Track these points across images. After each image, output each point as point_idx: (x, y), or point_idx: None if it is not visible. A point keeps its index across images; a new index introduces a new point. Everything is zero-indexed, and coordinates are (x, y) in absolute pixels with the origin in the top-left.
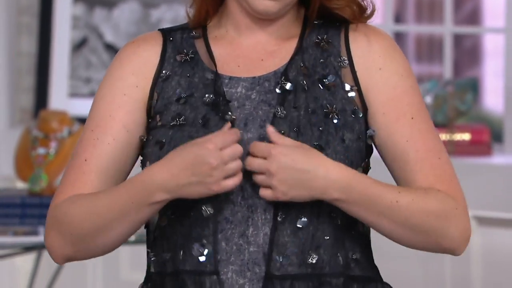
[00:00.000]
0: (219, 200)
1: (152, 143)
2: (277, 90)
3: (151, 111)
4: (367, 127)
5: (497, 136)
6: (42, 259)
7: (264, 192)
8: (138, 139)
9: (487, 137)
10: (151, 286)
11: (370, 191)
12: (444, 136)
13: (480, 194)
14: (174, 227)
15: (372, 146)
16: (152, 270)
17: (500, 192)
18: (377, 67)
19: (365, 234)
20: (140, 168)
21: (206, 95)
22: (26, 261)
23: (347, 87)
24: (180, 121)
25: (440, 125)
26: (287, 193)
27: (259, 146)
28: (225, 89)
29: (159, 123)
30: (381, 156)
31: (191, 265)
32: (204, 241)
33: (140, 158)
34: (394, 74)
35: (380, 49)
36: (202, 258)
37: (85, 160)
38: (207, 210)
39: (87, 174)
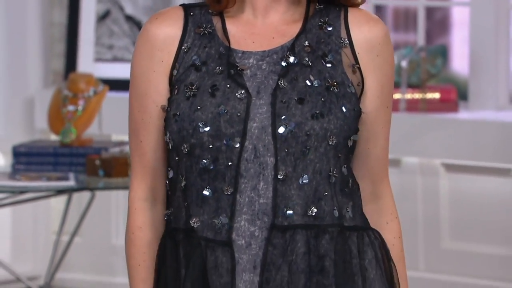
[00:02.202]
0: (235, 159)
1: (170, 115)
2: (283, 63)
3: (172, 81)
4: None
5: (463, 95)
6: (73, 200)
7: None
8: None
9: (454, 96)
10: (168, 229)
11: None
12: (417, 95)
13: (447, 145)
14: (190, 184)
15: None
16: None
17: (465, 143)
18: (376, 53)
19: (356, 191)
20: None
21: (217, 67)
22: (58, 202)
23: (348, 64)
24: (192, 89)
25: (414, 86)
26: None
27: None
28: (238, 61)
29: (176, 94)
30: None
31: (208, 213)
32: (226, 188)
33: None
34: (386, 62)
35: (379, 36)
36: (217, 205)
37: (141, 141)
38: (232, 162)
39: (146, 155)
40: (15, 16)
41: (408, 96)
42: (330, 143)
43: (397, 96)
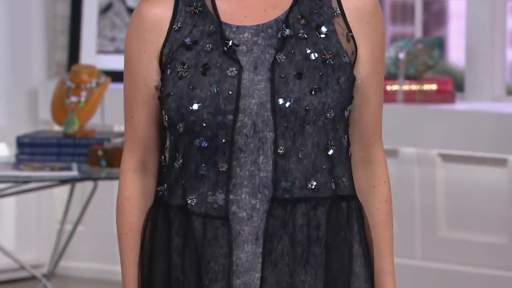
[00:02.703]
0: (233, 134)
1: (164, 95)
2: (278, 36)
3: (163, 61)
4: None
5: (459, 87)
6: (76, 190)
7: None
8: (156, 90)
9: (451, 87)
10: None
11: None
12: (414, 87)
13: (444, 135)
14: (189, 161)
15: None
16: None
17: (461, 133)
18: (366, 21)
19: (350, 161)
20: None
21: (208, 45)
22: (62, 191)
23: (342, 33)
24: (184, 69)
25: (411, 77)
26: None
27: None
28: (233, 36)
29: (169, 74)
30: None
31: (205, 190)
32: (221, 164)
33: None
34: (376, 29)
35: (369, 4)
36: (217, 179)
37: (132, 117)
38: (226, 139)
39: (136, 130)
40: (19, 9)
41: (406, 87)
42: (328, 116)
43: (394, 87)
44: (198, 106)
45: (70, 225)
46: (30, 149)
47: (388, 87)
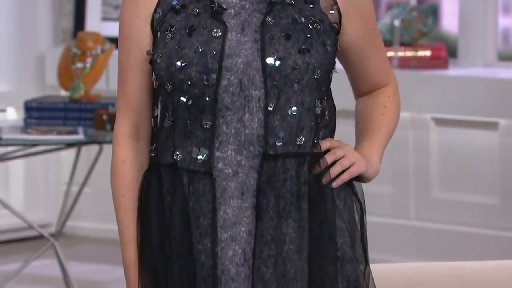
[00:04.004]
0: (220, 91)
1: (155, 57)
2: (267, 0)
3: (154, 25)
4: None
5: (452, 53)
6: (82, 153)
7: (356, 168)
8: (148, 55)
9: (445, 53)
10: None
11: (382, 147)
12: (409, 53)
13: (437, 100)
14: (175, 123)
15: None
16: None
17: (454, 98)
18: None
19: (333, 123)
20: None
21: (195, 9)
22: (68, 154)
23: (326, 4)
24: (172, 31)
25: (406, 44)
26: (364, 162)
27: (333, 141)
28: (221, 1)
29: (159, 37)
30: (346, 58)
31: (191, 147)
32: (205, 122)
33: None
34: None
35: None
36: (204, 136)
37: (126, 82)
38: (209, 98)
39: (130, 94)
40: None
41: (401, 54)
42: (315, 76)
43: (389, 54)
44: (186, 65)
45: (77, 187)
46: (38, 113)
47: None
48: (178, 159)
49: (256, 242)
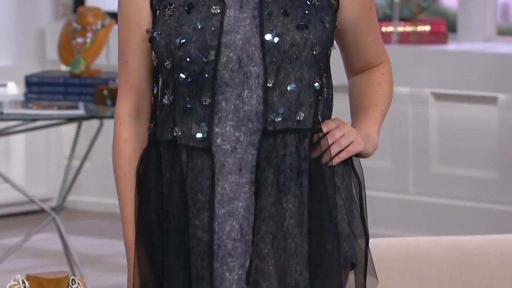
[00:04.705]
0: (219, 68)
1: (155, 35)
2: None
3: (153, 3)
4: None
5: (452, 28)
6: (82, 128)
7: (354, 147)
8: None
9: (444, 28)
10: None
11: (379, 123)
12: (408, 28)
13: (437, 75)
14: (178, 96)
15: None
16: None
17: (454, 73)
18: None
19: (330, 99)
20: None
21: None
22: (69, 129)
23: None
24: (171, 9)
25: (406, 19)
26: (362, 141)
27: (330, 124)
28: None
29: (158, 15)
30: (342, 36)
31: (190, 123)
32: (204, 98)
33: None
34: None
35: None
36: (203, 112)
37: (127, 62)
38: (209, 75)
39: (131, 73)
40: None
41: (400, 29)
42: (314, 52)
43: (389, 29)
44: (185, 41)
45: (78, 161)
46: (38, 88)
47: (383, 29)
48: (177, 136)
49: (255, 218)
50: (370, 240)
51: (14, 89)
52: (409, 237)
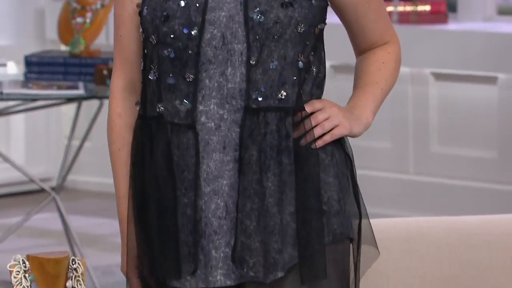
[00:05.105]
0: (203, 45)
1: (142, 10)
2: None
3: None
4: None
5: (452, 7)
6: (82, 107)
7: (339, 131)
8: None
9: (444, 8)
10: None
11: (376, 102)
12: (408, 8)
13: (437, 55)
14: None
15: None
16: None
17: (454, 53)
18: None
19: (322, 78)
20: None
21: None
22: (69, 109)
23: None
24: None
25: None
26: (348, 124)
27: (315, 104)
28: None
29: None
30: (342, 16)
31: (174, 99)
32: (188, 75)
33: None
34: None
35: None
36: (187, 89)
37: (120, 36)
38: (192, 52)
39: (125, 48)
40: None
41: (400, 8)
42: (299, 30)
43: (389, 8)
44: (169, 17)
45: (78, 141)
46: (38, 68)
47: None
48: (162, 112)
49: (239, 196)
50: (370, 220)
51: (13, 69)
52: (409, 216)
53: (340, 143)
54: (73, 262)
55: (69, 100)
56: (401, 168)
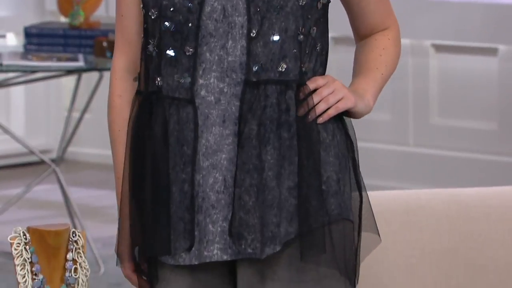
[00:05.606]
0: (204, 18)
1: None
2: None
3: None
4: None
5: None
6: (82, 79)
7: (344, 104)
8: None
9: None
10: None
11: (377, 87)
12: None
13: (437, 26)
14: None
15: None
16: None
17: (454, 24)
18: None
19: (325, 55)
20: None
21: None
22: (69, 81)
23: None
24: None
25: None
26: (353, 97)
27: (318, 81)
28: None
29: None
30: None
31: (173, 73)
32: (188, 48)
33: None
34: None
35: None
36: (188, 63)
37: (122, 15)
38: (193, 25)
39: (126, 28)
40: None
41: None
42: (300, 3)
43: None
44: None
45: (78, 113)
46: (38, 39)
47: None
48: (161, 86)
49: (237, 170)
50: (369, 193)
51: (13, 40)
52: (408, 189)
53: (342, 124)
54: (74, 235)
55: (69, 72)
56: (401, 140)
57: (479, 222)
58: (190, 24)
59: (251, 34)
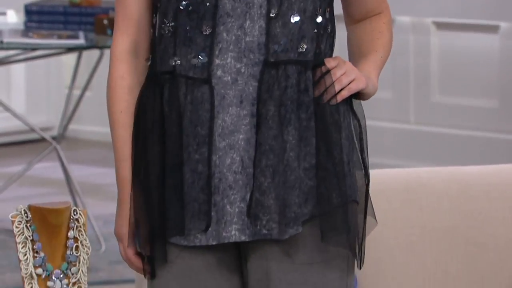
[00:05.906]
0: None
1: None
2: None
3: None
4: None
5: None
6: (83, 57)
7: (356, 85)
8: None
9: None
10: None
11: (377, 69)
12: None
13: (438, 4)
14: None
15: None
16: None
17: (455, 1)
18: None
19: (333, 37)
20: None
21: None
22: (70, 58)
23: None
24: None
25: None
26: (364, 78)
27: (330, 62)
28: None
29: None
30: None
31: (189, 53)
32: (205, 28)
33: None
34: None
35: None
36: (204, 43)
37: None
38: (210, 4)
39: (129, 7)
40: None
41: None
42: None
43: None
44: None
45: (78, 91)
46: (38, 17)
47: None
48: (176, 65)
49: (256, 151)
50: (370, 171)
51: (13, 17)
52: (409, 166)
53: (350, 107)
54: (75, 213)
55: (70, 49)
56: (402, 118)
57: (479, 200)
58: (207, 4)
59: (271, 14)
